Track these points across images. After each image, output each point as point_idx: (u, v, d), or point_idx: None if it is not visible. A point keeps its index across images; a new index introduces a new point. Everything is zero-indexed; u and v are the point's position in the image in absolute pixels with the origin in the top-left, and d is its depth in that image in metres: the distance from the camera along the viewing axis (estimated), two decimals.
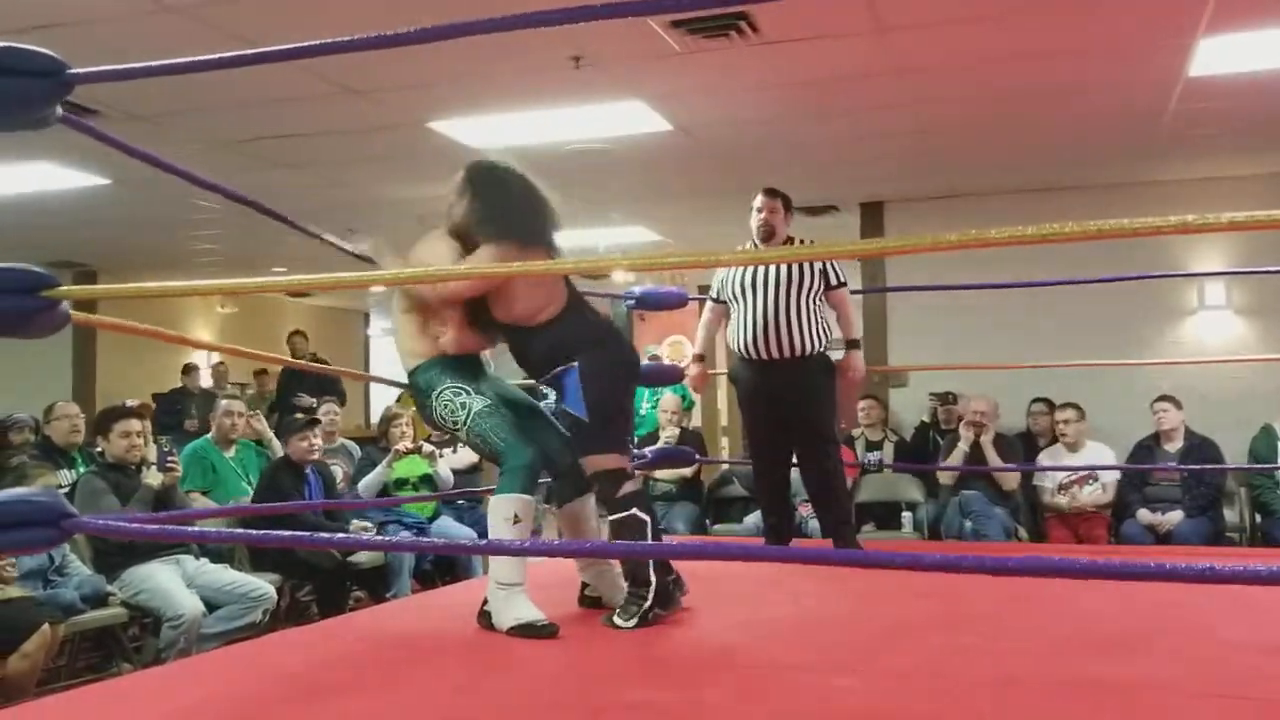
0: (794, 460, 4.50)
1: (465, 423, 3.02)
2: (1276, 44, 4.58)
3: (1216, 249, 6.97)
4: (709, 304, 4.60)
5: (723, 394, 10.97)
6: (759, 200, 4.41)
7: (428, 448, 6.06)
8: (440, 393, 3.06)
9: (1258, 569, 1.35)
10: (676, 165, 6.67)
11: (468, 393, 3.04)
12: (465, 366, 3.15)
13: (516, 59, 4.71)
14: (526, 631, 2.81)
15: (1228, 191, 6.79)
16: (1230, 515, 5.79)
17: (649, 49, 4.54)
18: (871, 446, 6.81)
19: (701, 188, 7.32)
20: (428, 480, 6.03)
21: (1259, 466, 5.66)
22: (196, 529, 3.31)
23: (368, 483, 5.82)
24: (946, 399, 6.90)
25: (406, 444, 5.93)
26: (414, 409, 7.14)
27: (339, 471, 5.98)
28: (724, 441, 11.54)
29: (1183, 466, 5.47)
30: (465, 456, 6.56)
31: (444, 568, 5.85)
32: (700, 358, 4.66)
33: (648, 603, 2.89)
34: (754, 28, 4.34)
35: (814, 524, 5.51)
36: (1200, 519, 5.43)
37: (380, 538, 5.28)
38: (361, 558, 5.37)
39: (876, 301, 7.64)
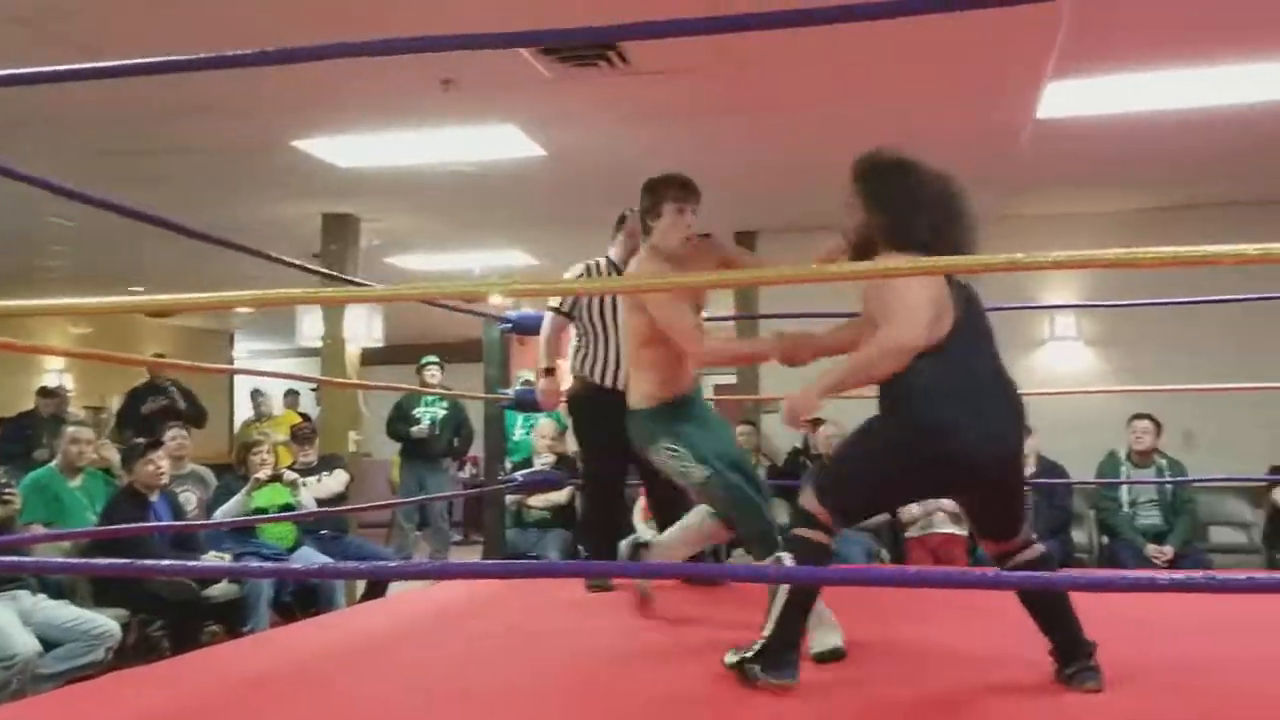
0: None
1: (694, 485, 3.06)
2: (1119, 89, 4.83)
3: (1067, 282, 7.30)
4: (554, 316, 4.29)
5: None
6: (634, 223, 4.02)
7: (289, 475, 5.87)
8: (660, 447, 3.08)
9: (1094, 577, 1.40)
10: (552, 191, 6.67)
11: (686, 460, 3.04)
12: (678, 416, 3.14)
13: (384, 79, 4.65)
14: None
15: (1081, 228, 7.12)
16: (1079, 537, 6.03)
17: (519, 75, 4.52)
18: None
19: (577, 214, 7.31)
20: (289, 510, 5.83)
21: (1099, 481, 5.92)
22: (34, 560, 3.11)
23: (225, 512, 5.60)
24: (817, 424, 7.03)
25: (267, 472, 5.73)
26: (272, 433, 6.96)
27: (192, 499, 5.74)
28: None
29: (1033, 482, 5.70)
30: (331, 485, 6.39)
31: (305, 600, 5.66)
32: (551, 371, 4.33)
33: (750, 654, 2.45)
34: (623, 58, 4.37)
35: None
36: (1051, 541, 5.63)
37: (240, 564, 5.08)
38: (216, 590, 5.17)
39: (749, 329, 7.75)
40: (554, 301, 4.34)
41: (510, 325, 4.73)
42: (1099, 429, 6.33)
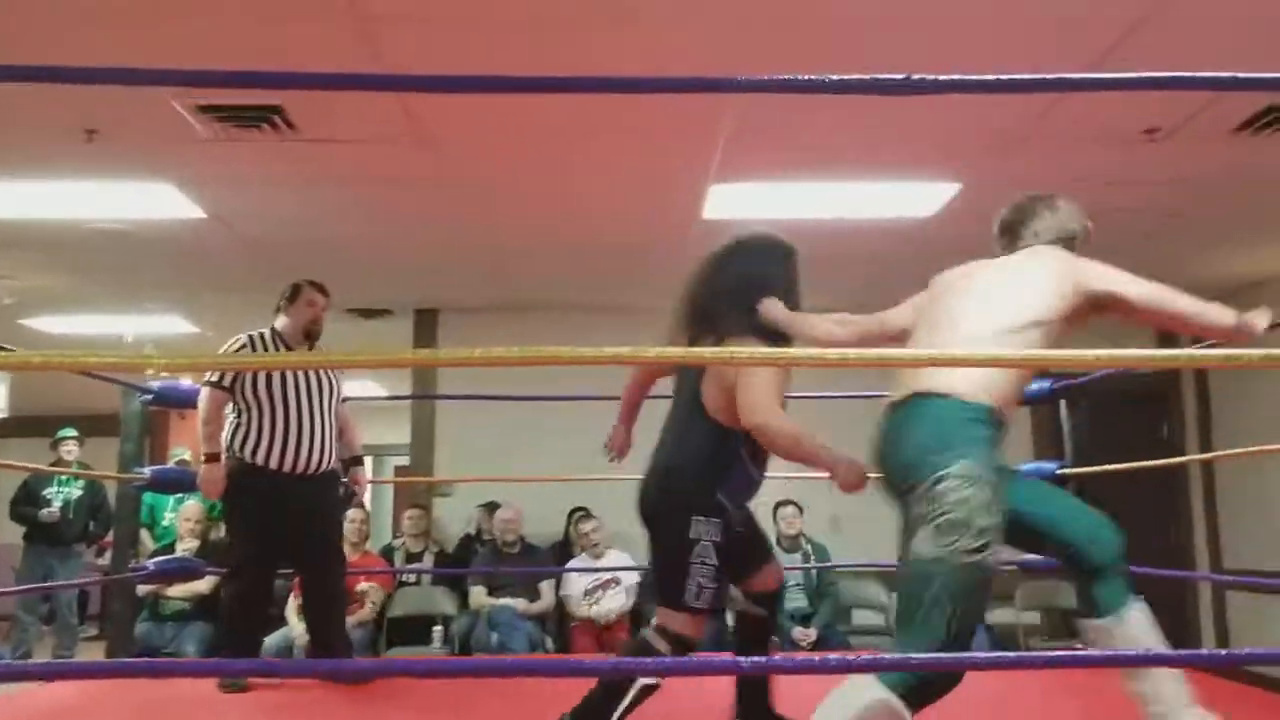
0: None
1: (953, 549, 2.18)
2: (773, 196, 5.17)
3: None
4: (212, 391, 3.99)
5: None
6: (311, 294, 4.15)
7: None
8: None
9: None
10: (215, 255, 6.26)
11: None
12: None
13: (15, 124, 4.20)
14: None
15: None
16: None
17: (171, 131, 4.21)
18: (412, 558, 6.64)
19: (245, 281, 6.91)
20: None
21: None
22: None
23: None
24: (492, 509, 6.92)
25: None
26: None
27: None
28: None
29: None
30: None
31: None
32: (215, 457, 3.95)
33: None
34: (289, 123, 4.18)
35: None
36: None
37: None
38: None
39: (426, 410, 7.59)
40: (212, 376, 4.03)
41: (152, 397, 4.33)
42: (759, 514, 6.62)
